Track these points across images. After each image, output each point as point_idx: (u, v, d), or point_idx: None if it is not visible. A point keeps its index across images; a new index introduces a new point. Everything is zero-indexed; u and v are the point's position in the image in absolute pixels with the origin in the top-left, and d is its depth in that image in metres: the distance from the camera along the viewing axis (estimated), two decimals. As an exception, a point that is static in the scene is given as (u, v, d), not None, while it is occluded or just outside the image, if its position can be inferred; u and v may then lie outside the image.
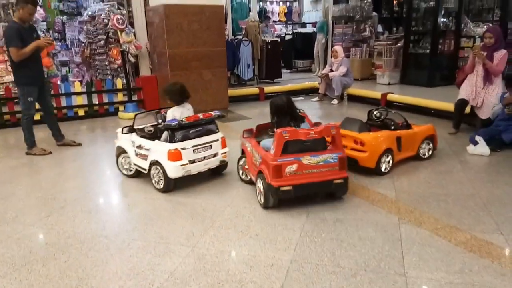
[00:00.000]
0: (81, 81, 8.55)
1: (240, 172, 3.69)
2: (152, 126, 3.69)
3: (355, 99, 7.48)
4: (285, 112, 3.17)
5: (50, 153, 4.56)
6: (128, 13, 8.11)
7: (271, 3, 14.56)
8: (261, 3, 13.72)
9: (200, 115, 3.53)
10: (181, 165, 3.36)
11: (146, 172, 3.57)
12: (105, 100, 6.44)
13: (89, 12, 8.27)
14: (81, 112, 6.25)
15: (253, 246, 2.56)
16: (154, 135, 3.57)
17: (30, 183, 3.79)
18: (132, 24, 7.98)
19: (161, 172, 3.39)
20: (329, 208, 3.10)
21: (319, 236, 2.67)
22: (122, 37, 7.65)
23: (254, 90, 7.87)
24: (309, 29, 12.86)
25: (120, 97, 6.61)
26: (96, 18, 7.90)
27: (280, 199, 3.03)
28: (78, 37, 9.30)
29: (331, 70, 7.45)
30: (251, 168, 3.42)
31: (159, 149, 3.40)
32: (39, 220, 3.01)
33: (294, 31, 12.94)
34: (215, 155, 3.63)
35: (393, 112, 4.27)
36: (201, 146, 3.51)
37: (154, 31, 6.43)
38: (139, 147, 3.59)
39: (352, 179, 3.65)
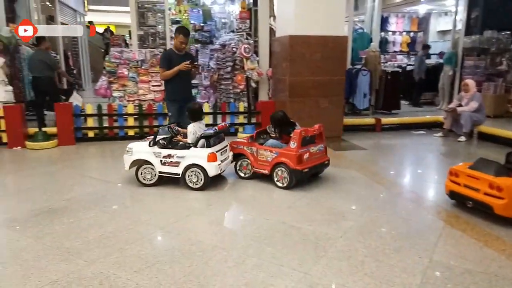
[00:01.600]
0: (206, 102, 9.37)
1: (241, 173, 4.56)
2: (163, 139, 4.28)
3: (486, 137, 6.72)
4: (284, 122, 4.49)
5: None
6: (254, 43, 8.68)
7: (394, 33, 14.12)
8: (382, 33, 13.41)
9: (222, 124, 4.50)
10: (218, 165, 4.11)
11: (179, 177, 4.16)
12: (228, 121, 6.95)
13: (220, 41, 9.10)
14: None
15: (368, 283, 2.45)
16: (167, 147, 4.25)
17: (161, 191, 4.22)
18: (256, 53, 8.52)
19: (201, 173, 4.07)
20: (455, 255, 2.81)
21: (444, 286, 2.43)
22: (247, 64, 8.20)
23: (370, 120, 7.64)
24: (433, 60, 12.08)
25: (240, 119, 7.07)
26: (226, 47, 8.64)
27: (298, 180, 4.14)
28: (209, 63, 10.25)
29: (460, 105, 6.84)
30: (257, 165, 4.39)
31: (197, 154, 4.09)
32: (167, 225, 3.35)
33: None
34: (229, 156, 4.46)
35: (539, 156, 3.72)
36: (223, 149, 4.35)
37: (277, 60, 6.78)
38: (168, 156, 4.15)
39: (484, 227, 3.26)
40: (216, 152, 4.16)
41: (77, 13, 13.49)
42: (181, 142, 4.31)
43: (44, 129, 6.14)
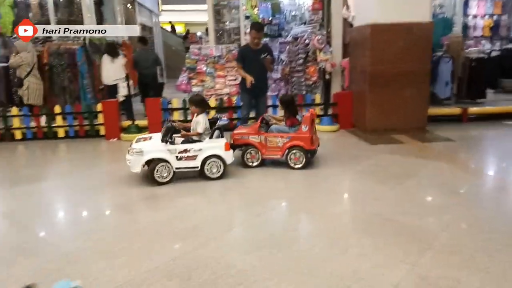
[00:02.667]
0: (277, 95, 9.44)
1: (250, 162, 4.69)
2: (168, 135, 4.19)
3: None
4: (293, 104, 4.84)
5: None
6: (327, 33, 8.58)
7: (474, 17, 13.11)
8: (462, 17, 12.52)
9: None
10: (232, 153, 4.36)
11: (198, 169, 4.24)
12: (303, 113, 6.95)
13: (292, 34, 9.11)
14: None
15: (483, 278, 2.35)
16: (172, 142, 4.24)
17: (254, 180, 4.33)
18: (329, 44, 8.40)
19: (220, 163, 4.24)
20: None
21: None
22: (320, 55, 8.13)
23: (455, 110, 7.20)
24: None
25: (317, 111, 7.04)
26: (299, 39, 8.63)
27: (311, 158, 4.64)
28: (278, 56, 10.31)
29: (562, 92, 6.21)
30: (267, 152, 4.64)
31: (215, 145, 4.24)
32: (264, 212, 3.44)
33: (503, 47, 11.33)
34: None
35: None
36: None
37: (355, 49, 6.64)
38: (184, 151, 4.19)
39: None
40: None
41: (153, 14, 14.26)
42: (182, 138, 4.32)
43: (136, 122, 6.64)
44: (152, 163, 4.16)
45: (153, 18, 14.46)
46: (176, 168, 4.23)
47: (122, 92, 6.78)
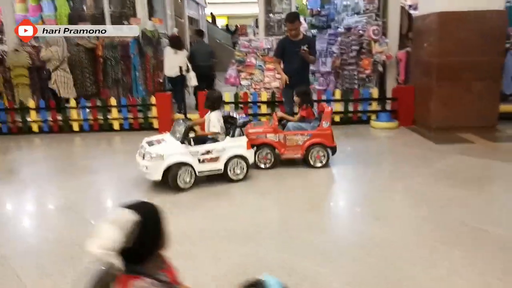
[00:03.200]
0: (325, 90, 9.08)
1: (262, 164, 4.34)
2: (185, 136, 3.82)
3: None
4: (310, 95, 4.68)
5: None
6: (382, 24, 8.12)
7: (543, 4, 12.00)
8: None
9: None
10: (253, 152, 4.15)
11: (221, 172, 3.90)
12: (359, 108, 6.64)
13: (345, 25, 8.72)
14: (336, 118, 6.61)
15: None
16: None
17: (308, 176, 4.16)
18: (385, 34, 7.95)
19: (243, 162, 3.96)
20: None
21: None
22: (375, 47, 7.71)
23: (528, 107, 6.57)
24: None
25: (374, 106, 6.69)
26: (352, 30, 8.23)
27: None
28: (326, 48, 9.92)
29: None
30: (286, 151, 4.35)
31: (237, 144, 3.95)
32: (335, 216, 3.23)
33: None
34: None
35: None
36: None
37: (420, 40, 6.19)
38: (207, 152, 3.84)
39: None
40: None
41: (200, 6, 14.26)
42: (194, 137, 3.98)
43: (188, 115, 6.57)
44: (172, 169, 3.74)
45: (200, 10, 14.47)
46: (199, 172, 3.86)
47: (193, 82, 6.96)
